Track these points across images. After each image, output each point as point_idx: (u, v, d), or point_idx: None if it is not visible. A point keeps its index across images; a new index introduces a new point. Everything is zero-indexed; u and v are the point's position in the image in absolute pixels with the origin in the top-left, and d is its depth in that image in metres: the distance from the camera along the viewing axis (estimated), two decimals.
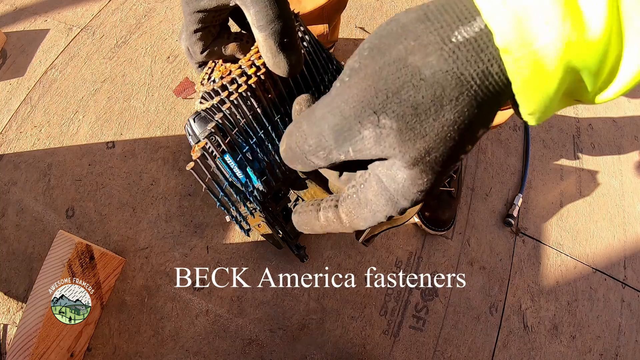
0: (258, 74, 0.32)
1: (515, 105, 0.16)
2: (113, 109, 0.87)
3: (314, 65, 0.33)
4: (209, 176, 0.34)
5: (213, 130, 0.32)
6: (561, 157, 1.03)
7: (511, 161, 0.98)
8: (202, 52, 0.34)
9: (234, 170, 0.33)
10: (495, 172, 0.96)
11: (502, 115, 0.77)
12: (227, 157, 0.33)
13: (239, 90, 0.32)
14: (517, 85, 0.15)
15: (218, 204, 0.34)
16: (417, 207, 0.43)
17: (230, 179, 0.33)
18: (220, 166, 0.33)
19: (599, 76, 0.14)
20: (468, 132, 0.16)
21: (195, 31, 0.32)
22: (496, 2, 0.14)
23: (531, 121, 0.16)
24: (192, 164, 0.33)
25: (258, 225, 0.42)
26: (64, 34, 0.94)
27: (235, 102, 0.32)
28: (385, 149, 0.16)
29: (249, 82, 0.31)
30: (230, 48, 0.34)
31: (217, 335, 0.72)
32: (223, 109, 0.32)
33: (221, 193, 0.34)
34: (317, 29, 0.79)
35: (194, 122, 0.75)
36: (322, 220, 0.23)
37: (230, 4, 0.29)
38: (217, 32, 0.33)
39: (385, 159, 0.17)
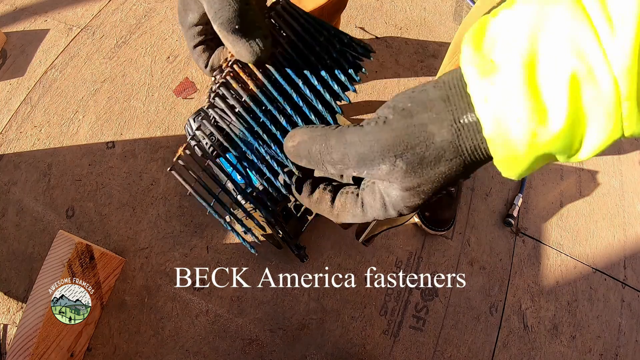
0: (230, 66, 0.31)
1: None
2: (113, 109, 0.87)
3: (304, 44, 0.31)
4: (196, 178, 0.33)
5: (205, 129, 0.32)
6: None
7: None
8: (206, 67, 0.33)
9: (233, 170, 0.32)
10: (495, 172, 0.96)
11: None
12: (228, 157, 0.32)
13: (214, 88, 0.31)
14: (496, 161, 0.20)
15: (209, 209, 0.33)
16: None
17: (225, 180, 0.32)
18: (217, 166, 0.32)
19: (568, 151, 0.18)
20: (452, 180, 0.22)
21: (195, 46, 0.32)
22: (480, 102, 0.18)
23: (511, 177, 0.21)
24: (180, 163, 0.32)
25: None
26: (64, 34, 0.94)
27: (215, 102, 0.31)
28: (391, 178, 0.22)
29: (225, 78, 0.30)
30: (223, 54, 0.33)
31: (217, 335, 0.73)
32: (211, 111, 0.32)
33: (214, 197, 0.33)
34: None
35: (194, 122, 0.75)
36: (315, 196, 0.28)
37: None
38: (216, 44, 0.33)
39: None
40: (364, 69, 0.31)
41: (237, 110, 0.31)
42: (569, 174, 1.01)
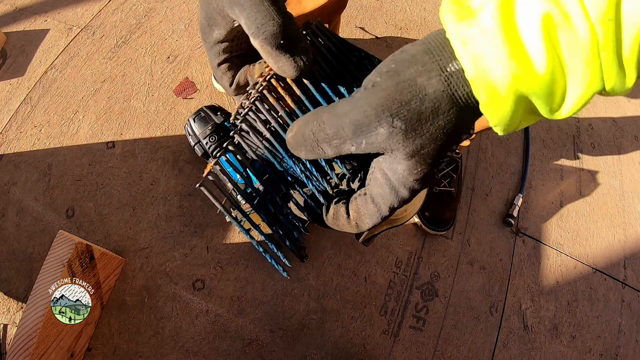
0: (267, 81, 0.30)
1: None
2: (113, 109, 0.87)
3: (339, 62, 0.31)
4: (226, 196, 0.32)
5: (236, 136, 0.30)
6: (561, 157, 1.03)
7: (511, 161, 0.98)
8: (230, 85, 0.31)
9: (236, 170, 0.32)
10: (495, 172, 0.96)
11: None
12: (228, 157, 0.32)
13: (250, 99, 0.30)
14: (480, 105, 0.20)
15: (239, 229, 0.31)
16: (417, 207, 0.43)
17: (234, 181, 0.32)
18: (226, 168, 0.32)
19: (551, 100, 0.19)
20: (453, 135, 0.21)
21: (219, 64, 0.30)
22: (460, 46, 0.19)
23: (498, 131, 0.21)
24: (209, 178, 0.31)
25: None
26: (64, 34, 0.94)
27: (250, 114, 0.30)
28: (392, 143, 0.21)
29: (261, 92, 0.29)
30: (256, 71, 0.31)
31: (217, 335, 0.73)
32: (244, 126, 0.31)
33: (243, 214, 0.32)
34: None
35: (194, 122, 0.75)
36: (330, 212, 0.27)
37: (234, 25, 0.27)
38: (241, 61, 0.31)
39: (385, 154, 0.22)
40: None
41: (272, 126, 0.30)
42: (569, 174, 1.01)
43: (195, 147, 0.75)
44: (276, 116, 0.30)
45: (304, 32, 0.32)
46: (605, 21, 0.16)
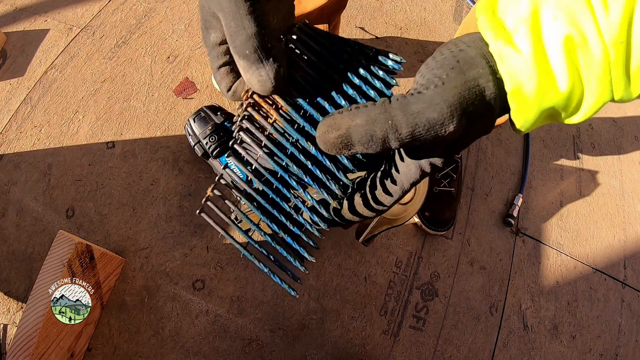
0: (250, 97, 0.28)
1: (511, 123, 0.24)
2: (113, 109, 0.87)
3: (326, 63, 0.29)
4: (229, 219, 0.30)
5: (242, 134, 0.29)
6: (561, 157, 1.03)
7: (511, 161, 0.98)
8: (227, 91, 0.30)
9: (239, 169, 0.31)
10: (495, 172, 0.96)
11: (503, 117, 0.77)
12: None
13: (237, 119, 0.29)
14: (512, 111, 0.22)
15: (242, 252, 0.31)
16: (417, 207, 0.43)
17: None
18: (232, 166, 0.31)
19: (568, 109, 0.22)
20: (484, 133, 0.24)
21: (219, 67, 0.29)
22: (499, 60, 0.21)
23: (517, 131, 0.24)
24: (209, 205, 0.30)
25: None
26: (64, 34, 0.94)
27: (242, 137, 0.29)
28: (450, 137, 0.22)
29: (246, 109, 0.28)
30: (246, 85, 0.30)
31: (217, 335, 0.73)
32: (237, 147, 0.30)
33: (246, 236, 0.31)
34: None
35: (194, 122, 0.75)
36: (347, 205, 0.29)
37: None
38: None
39: None
40: (394, 81, 0.29)
41: (262, 143, 0.28)
42: (569, 174, 1.01)
43: (195, 147, 0.75)
44: (265, 135, 0.29)
45: (285, 39, 0.30)
46: (617, 44, 0.19)
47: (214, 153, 0.73)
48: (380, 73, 0.29)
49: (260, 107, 0.29)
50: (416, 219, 0.85)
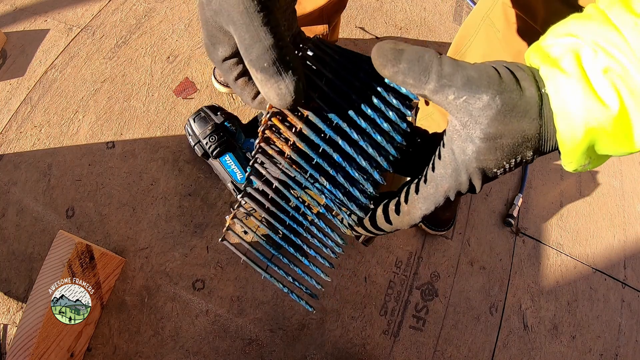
0: (269, 119, 0.28)
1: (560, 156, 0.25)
2: (113, 109, 0.87)
3: (344, 82, 0.28)
4: (249, 247, 0.31)
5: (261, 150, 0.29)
6: None
7: None
8: (253, 99, 0.29)
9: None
10: None
11: None
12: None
13: (255, 146, 0.29)
14: (557, 133, 0.23)
15: (263, 275, 0.32)
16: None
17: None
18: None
19: (619, 140, 0.22)
20: (526, 145, 0.24)
21: (235, 79, 0.28)
22: (547, 83, 0.23)
23: (568, 168, 0.25)
24: (228, 233, 0.31)
25: (258, 226, 0.42)
26: (64, 34, 0.94)
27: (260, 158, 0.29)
28: (482, 115, 0.23)
29: (264, 132, 0.28)
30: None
31: (217, 335, 0.73)
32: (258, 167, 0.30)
33: (268, 262, 0.32)
34: (317, 30, 0.79)
35: (194, 122, 0.76)
36: (379, 212, 0.29)
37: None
38: None
39: (464, 129, 0.24)
40: (414, 96, 0.27)
41: (281, 165, 0.28)
42: (569, 174, 1.01)
43: (195, 147, 0.75)
44: (284, 159, 0.28)
45: (299, 52, 0.30)
46: None
47: (214, 153, 0.73)
48: (403, 90, 0.27)
49: (278, 131, 0.29)
50: None
